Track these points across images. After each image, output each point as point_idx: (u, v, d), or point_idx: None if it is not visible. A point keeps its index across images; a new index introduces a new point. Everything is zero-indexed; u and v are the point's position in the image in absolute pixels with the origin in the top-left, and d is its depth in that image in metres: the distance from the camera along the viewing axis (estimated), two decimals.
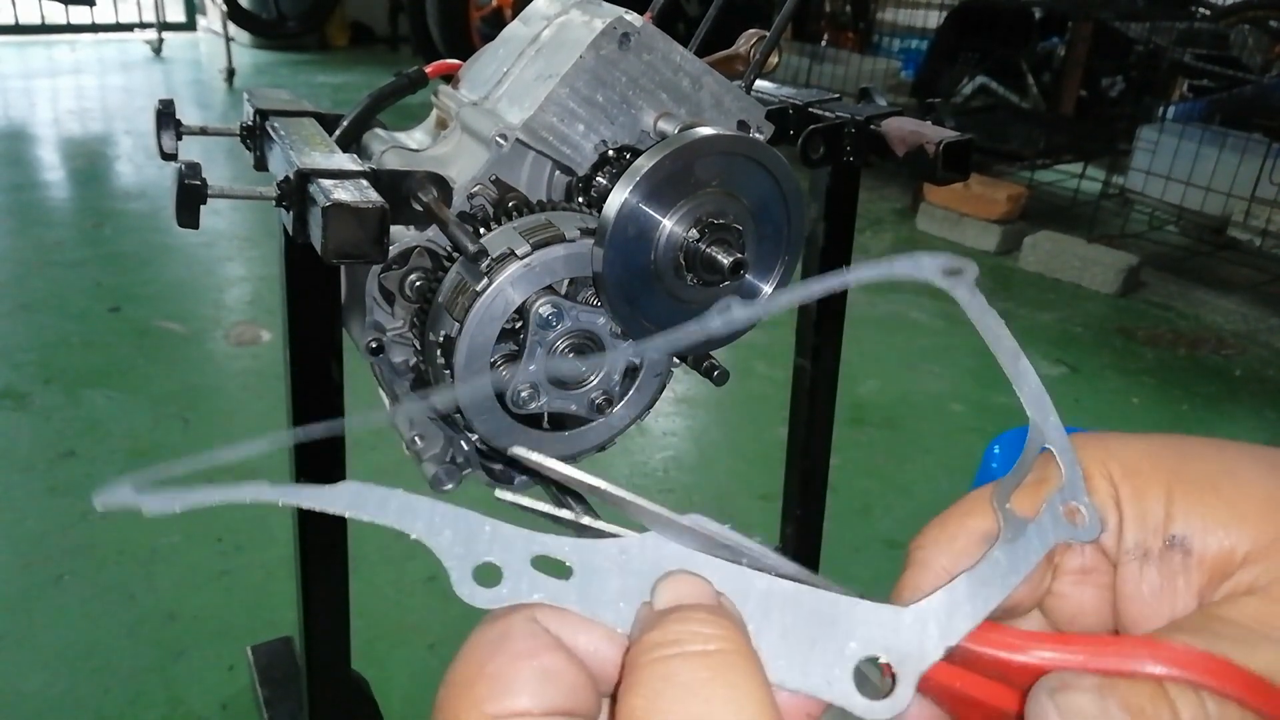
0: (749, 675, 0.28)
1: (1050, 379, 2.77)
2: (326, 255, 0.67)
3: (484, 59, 0.93)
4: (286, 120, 0.85)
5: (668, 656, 0.28)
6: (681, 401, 2.37)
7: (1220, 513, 0.33)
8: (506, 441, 0.84)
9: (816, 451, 1.19)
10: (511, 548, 0.31)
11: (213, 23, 6.21)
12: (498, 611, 0.31)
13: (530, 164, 0.83)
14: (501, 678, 0.29)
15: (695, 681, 0.28)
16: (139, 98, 5.06)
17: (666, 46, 0.81)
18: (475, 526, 0.31)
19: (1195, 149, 3.47)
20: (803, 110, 1.00)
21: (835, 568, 1.35)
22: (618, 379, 0.84)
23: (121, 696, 1.42)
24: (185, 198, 0.71)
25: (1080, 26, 4.51)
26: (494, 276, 0.75)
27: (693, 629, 0.29)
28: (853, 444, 2.28)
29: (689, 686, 0.28)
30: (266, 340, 2.54)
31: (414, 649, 1.56)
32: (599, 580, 0.31)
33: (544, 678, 0.29)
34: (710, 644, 0.28)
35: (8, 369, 2.31)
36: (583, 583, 0.31)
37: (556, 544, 0.31)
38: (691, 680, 0.28)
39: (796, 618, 0.31)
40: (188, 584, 1.65)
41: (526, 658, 0.29)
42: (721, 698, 0.27)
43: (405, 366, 0.88)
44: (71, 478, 1.92)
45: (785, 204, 0.81)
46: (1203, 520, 0.33)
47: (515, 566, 0.31)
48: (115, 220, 3.35)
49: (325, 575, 1.02)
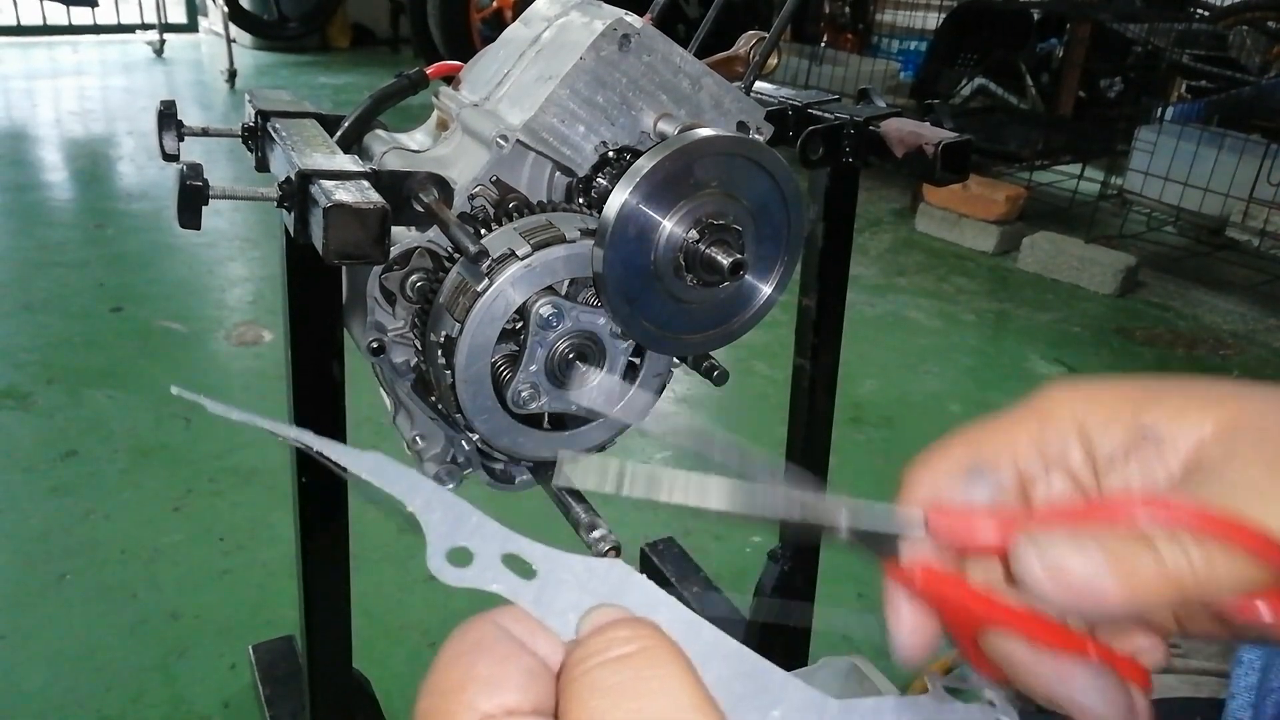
0: (674, 664, 0.30)
1: (1049, 379, 2.77)
2: (328, 256, 0.68)
3: (485, 60, 0.93)
4: (288, 121, 0.86)
5: (591, 667, 0.30)
6: (681, 401, 2.37)
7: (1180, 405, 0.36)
8: (506, 441, 0.84)
9: (816, 451, 1.20)
10: (489, 540, 0.33)
11: (214, 24, 6.21)
12: (466, 624, 0.33)
13: (531, 165, 0.83)
14: (490, 678, 0.30)
15: (623, 681, 0.29)
16: (141, 99, 5.06)
17: (666, 48, 0.82)
18: (463, 514, 0.34)
19: (1193, 150, 3.47)
20: (802, 111, 1.00)
21: (835, 567, 1.35)
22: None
23: (123, 695, 1.42)
24: (187, 198, 0.72)
25: (1079, 28, 4.51)
26: (495, 277, 0.76)
27: (610, 637, 0.30)
28: (852, 444, 2.29)
29: (618, 688, 0.29)
30: (268, 340, 2.55)
31: (415, 647, 1.56)
32: (556, 589, 0.33)
33: (528, 675, 0.31)
34: (630, 645, 0.30)
35: (10, 369, 2.31)
36: (541, 587, 0.33)
37: (529, 547, 0.33)
38: (618, 681, 0.29)
39: (733, 673, 0.33)
40: (190, 583, 1.66)
41: (509, 659, 0.31)
42: (650, 690, 0.29)
43: (406, 367, 0.88)
44: (74, 477, 1.93)
45: (785, 205, 0.81)
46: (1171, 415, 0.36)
47: (487, 557, 0.33)
48: (117, 221, 3.36)
49: (327, 574, 1.02)
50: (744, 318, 0.85)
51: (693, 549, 1.67)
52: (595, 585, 0.33)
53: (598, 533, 0.79)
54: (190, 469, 1.98)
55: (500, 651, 0.31)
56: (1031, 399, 0.39)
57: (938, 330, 3.01)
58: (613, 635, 0.30)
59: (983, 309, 3.21)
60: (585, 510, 0.82)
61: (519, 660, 0.31)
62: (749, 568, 1.65)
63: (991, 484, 0.38)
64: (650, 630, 0.31)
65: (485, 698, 0.30)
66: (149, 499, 1.88)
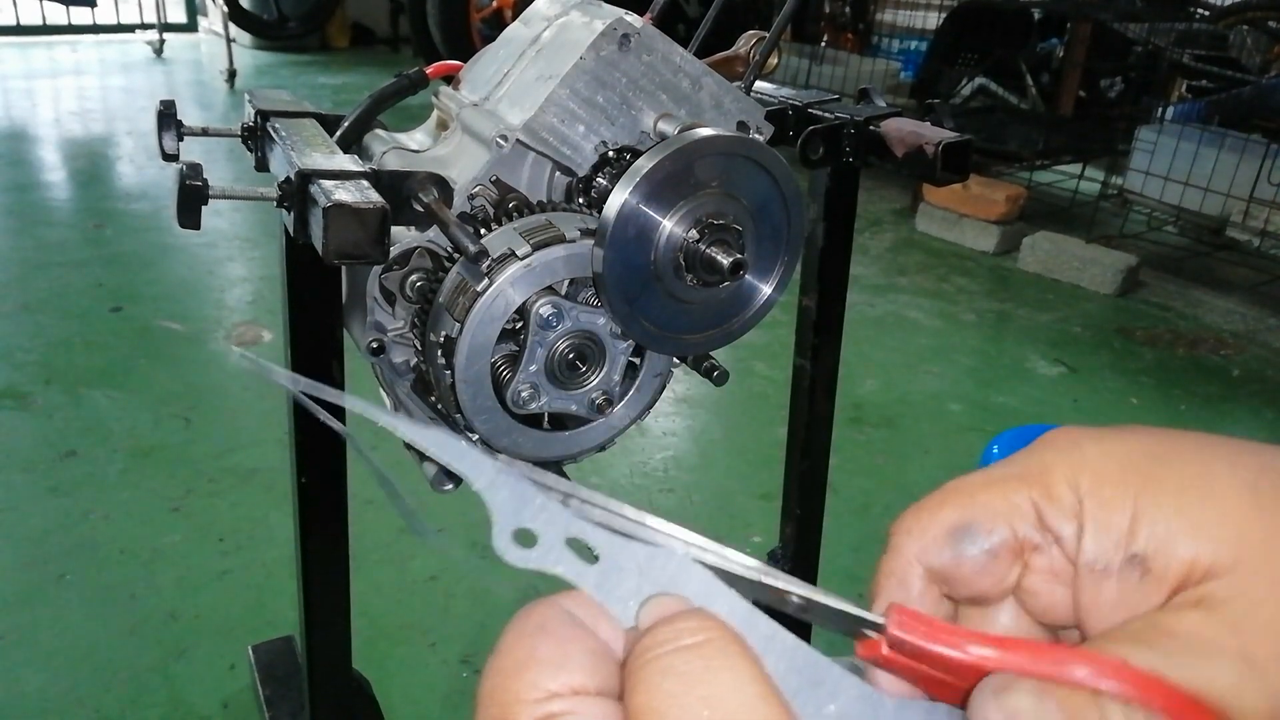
0: (742, 656, 0.30)
1: (1049, 379, 2.77)
2: (327, 256, 0.68)
3: (484, 60, 0.93)
4: (287, 121, 0.86)
5: (662, 654, 0.30)
6: (681, 401, 2.37)
7: (1186, 526, 0.33)
8: (507, 442, 0.84)
9: (816, 451, 1.20)
10: (553, 522, 0.33)
11: (214, 24, 6.21)
12: (530, 607, 0.32)
13: (531, 165, 0.83)
14: (553, 659, 0.30)
15: (693, 670, 0.29)
16: (140, 98, 5.06)
17: (666, 48, 0.82)
18: (529, 495, 0.33)
19: (1194, 149, 3.47)
20: (802, 111, 1.00)
21: (835, 567, 1.35)
22: (617, 379, 0.84)
23: (123, 695, 1.42)
24: (187, 198, 0.72)
25: (1079, 27, 4.51)
26: (494, 277, 0.76)
27: (679, 627, 0.30)
28: (852, 444, 2.29)
29: (688, 675, 0.29)
30: (268, 340, 2.55)
31: (415, 648, 1.56)
32: (619, 576, 0.33)
33: (593, 656, 0.31)
34: (699, 635, 0.30)
35: (10, 369, 2.31)
36: (604, 572, 0.33)
37: (594, 532, 0.33)
38: (689, 669, 0.29)
39: (789, 666, 0.33)
40: (189, 583, 1.66)
41: (574, 640, 0.31)
42: (722, 680, 0.29)
43: (406, 367, 0.88)
44: (73, 477, 1.93)
45: (785, 205, 0.81)
46: (1167, 533, 0.33)
47: (550, 539, 0.33)
48: (117, 221, 3.36)
49: (326, 574, 1.02)
50: (744, 318, 0.84)
51: None
52: (655, 573, 0.33)
53: None
54: (189, 469, 1.98)
55: (565, 633, 0.31)
56: (1030, 457, 0.37)
57: (938, 330, 3.01)
58: (682, 625, 0.30)
59: (983, 309, 3.21)
60: None
61: (584, 641, 0.31)
62: None
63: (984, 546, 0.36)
64: (717, 623, 0.31)
65: (550, 677, 0.30)
66: (148, 499, 1.88)
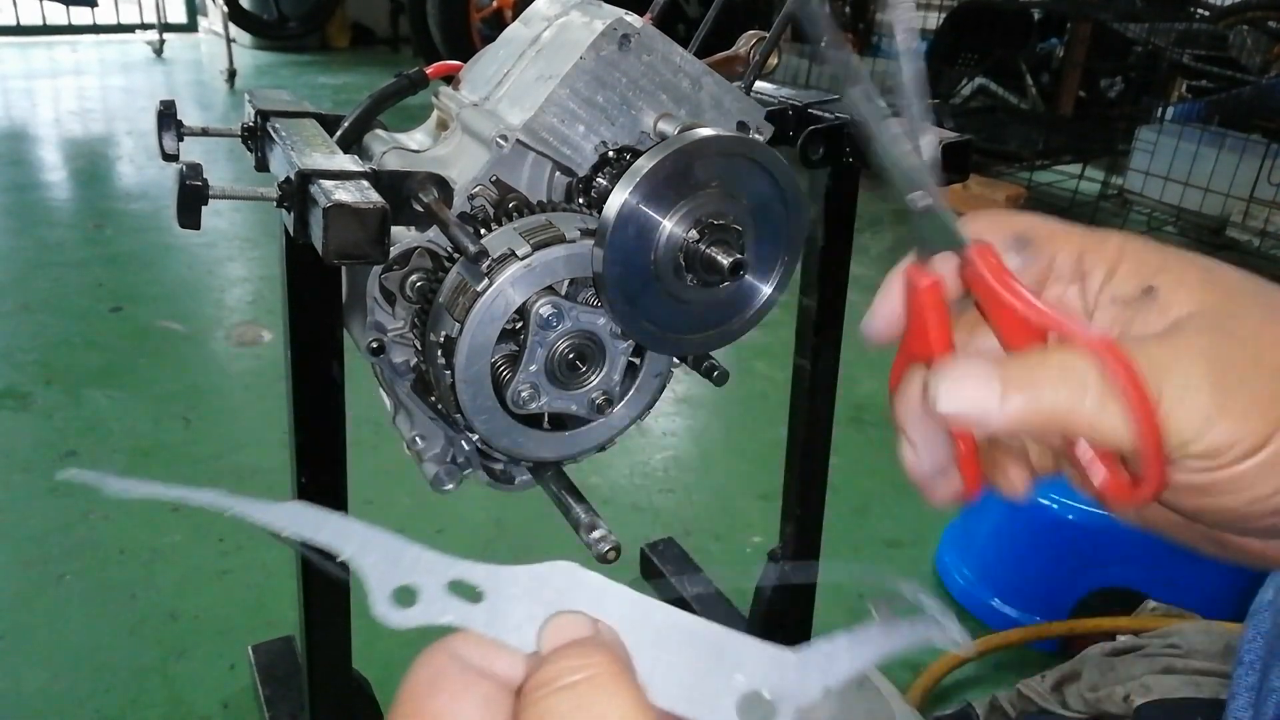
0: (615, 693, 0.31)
1: None
2: (327, 256, 0.68)
3: (484, 60, 0.93)
4: (287, 121, 0.86)
5: (542, 696, 0.31)
6: (681, 401, 2.37)
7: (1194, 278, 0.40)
8: (506, 442, 0.84)
9: (816, 451, 1.20)
10: (431, 571, 0.34)
11: (214, 24, 6.21)
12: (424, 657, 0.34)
13: (531, 165, 0.83)
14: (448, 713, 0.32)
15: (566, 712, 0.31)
16: (140, 98, 5.06)
17: (666, 47, 0.82)
18: (399, 551, 0.34)
19: (1194, 150, 3.47)
20: (802, 111, 1.00)
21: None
22: (617, 379, 0.84)
23: (122, 695, 1.42)
24: (187, 198, 0.72)
25: (1079, 27, 4.51)
26: (494, 277, 0.76)
27: (562, 665, 0.32)
28: (853, 444, 2.28)
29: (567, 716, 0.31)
30: (268, 340, 2.55)
31: (415, 649, 1.56)
32: (508, 606, 0.34)
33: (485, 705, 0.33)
34: (578, 674, 0.32)
35: (9, 369, 2.31)
36: (492, 607, 0.34)
37: (472, 570, 0.34)
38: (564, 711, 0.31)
39: (691, 648, 0.34)
40: (189, 583, 1.66)
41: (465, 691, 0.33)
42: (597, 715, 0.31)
43: (406, 367, 0.88)
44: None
45: (785, 205, 0.81)
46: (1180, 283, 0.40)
47: (432, 590, 0.34)
48: (117, 221, 3.36)
49: (327, 574, 1.02)
50: (744, 318, 0.84)
51: (693, 549, 1.67)
52: (544, 592, 0.34)
53: (598, 533, 0.79)
54: (189, 469, 1.98)
55: (456, 684, 0.33)
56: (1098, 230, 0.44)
57: None
58: (564, 664, 0.32)
59: None
60: (585, 510, 0.82)
61: (476, 690, 0.33)
62: (749, 567, 1.64)
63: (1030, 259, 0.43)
64: (600, 657, 0.32)
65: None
66: (148, 499, 1.88)
